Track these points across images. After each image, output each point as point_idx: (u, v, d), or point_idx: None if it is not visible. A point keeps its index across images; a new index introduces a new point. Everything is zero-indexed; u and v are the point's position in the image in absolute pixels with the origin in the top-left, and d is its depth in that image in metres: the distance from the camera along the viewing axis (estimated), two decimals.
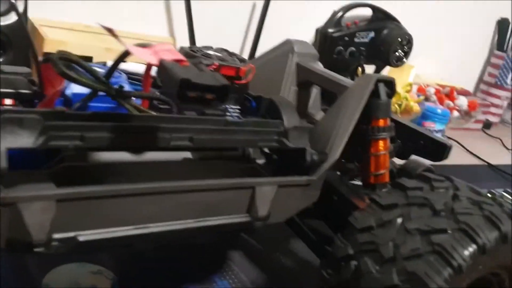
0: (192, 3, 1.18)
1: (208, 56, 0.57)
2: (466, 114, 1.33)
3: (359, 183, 0.61)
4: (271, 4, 1.25)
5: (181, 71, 0.33)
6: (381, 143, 0.57)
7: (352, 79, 0.98)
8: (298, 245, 0.69)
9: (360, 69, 1.05)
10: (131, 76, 0.58)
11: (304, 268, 0.67)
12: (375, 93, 0.56)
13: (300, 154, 0.51)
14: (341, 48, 0.93)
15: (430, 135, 0.65)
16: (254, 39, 1.28)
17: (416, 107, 1.21)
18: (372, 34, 0.96)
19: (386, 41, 0.98)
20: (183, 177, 0.44)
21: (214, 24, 1.26)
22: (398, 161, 0.67)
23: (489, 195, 0.48)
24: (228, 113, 0.55)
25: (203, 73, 0.35)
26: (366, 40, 0.95)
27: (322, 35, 0.94)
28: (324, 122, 0.57)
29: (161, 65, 0.35)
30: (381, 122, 0.57)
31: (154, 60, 0.36)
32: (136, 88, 0.52)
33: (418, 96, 1.29)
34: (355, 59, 0.97)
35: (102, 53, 0.97)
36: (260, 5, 1.26)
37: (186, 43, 1.19)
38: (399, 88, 1.26)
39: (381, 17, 1.00)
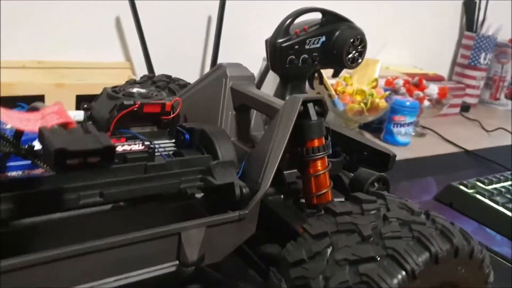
0: (146, 25, 1.17)
1: (131, 95, 0.55)
2: (437, 103, 1.31)
3: None
4: (229, 13, 1.24)
5: (58, 139, 0.32)
6: (319, 163, 0.56)
7: (311, 86, 0.97)
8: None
9: (318, 75, 1.04)
10: None
11: None
12: (305, 114, 0.55)
13: (229, 189, 0.49)
14: (293, 56, 0.91)
15: (372, 146, 0.63)
16: (213, 52, 1.27)
17: (383, 103, 1.19)
18: (323, 38, 0.94)
19: (337, 44, 0.96)
20: (107, 230, 0.43)
21: (172, 43, 1.25)
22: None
23: (422, 211, 0.47)
24: (157, 152, 0.54)
25: (86, 136, 0.34)
26: (317, 45, 0.93)
27: (271, 46, 0.92)
28: (258, 147, 0.56)
29: (40, 133, 0.33)
30: (316, 143, 0.55)
31: (34, 127, 0.35)
32: None
33: (386, 90, 1.27)
34: (309, 66, 0.95)
35: (53, 90, 0.96)
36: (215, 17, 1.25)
37: (144, 66, 1.18)
38: (364, 85, 1.24)
39: (331, 20, 0.97)
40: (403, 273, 0.40)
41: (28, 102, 0.95)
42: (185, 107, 0.66)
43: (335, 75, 1.02)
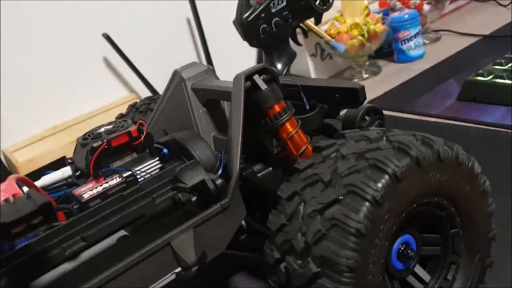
0: (133, 54, 1.21)
1: (98, 136, 0.59)
2: (438, 2, 1.25)
3: None
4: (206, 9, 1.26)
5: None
6: (287, 125, 0.56)
7: (296, 43, 0.97)
8: None
9: (301, 30, 1.04)
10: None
11: None
12: (256, 87, 0.56)
13: (203, 186, 0.51)
14: (264, 25, 0.91)
15: (337, 86, 0.63)
16: (204, 51, 1.30)
17: (379, 28, 1.16)
18: None
19: None
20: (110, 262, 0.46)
21: (164, 59, 1.28)
22: None
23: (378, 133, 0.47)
24: (139, 176, 0.57)
25: (26, 202, 0.38)
26: (283, 3, 0.91)
27: (239, 25, 0.92)
28: (228, 134, 0.57)
29: None
30: (276, 108, 0.56)
31: None
32: None
33: (380, 12, 1.23)
34: (285, 26, 0.94)
35: (71, 148, 1.02)
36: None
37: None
38: (356, 17, 1.21)
39: None
40: (367, 203, 0.41)
41: (54, 168, 1.02)
42: (161, 121, 0.70)
43: (316, 22, 1.01)
